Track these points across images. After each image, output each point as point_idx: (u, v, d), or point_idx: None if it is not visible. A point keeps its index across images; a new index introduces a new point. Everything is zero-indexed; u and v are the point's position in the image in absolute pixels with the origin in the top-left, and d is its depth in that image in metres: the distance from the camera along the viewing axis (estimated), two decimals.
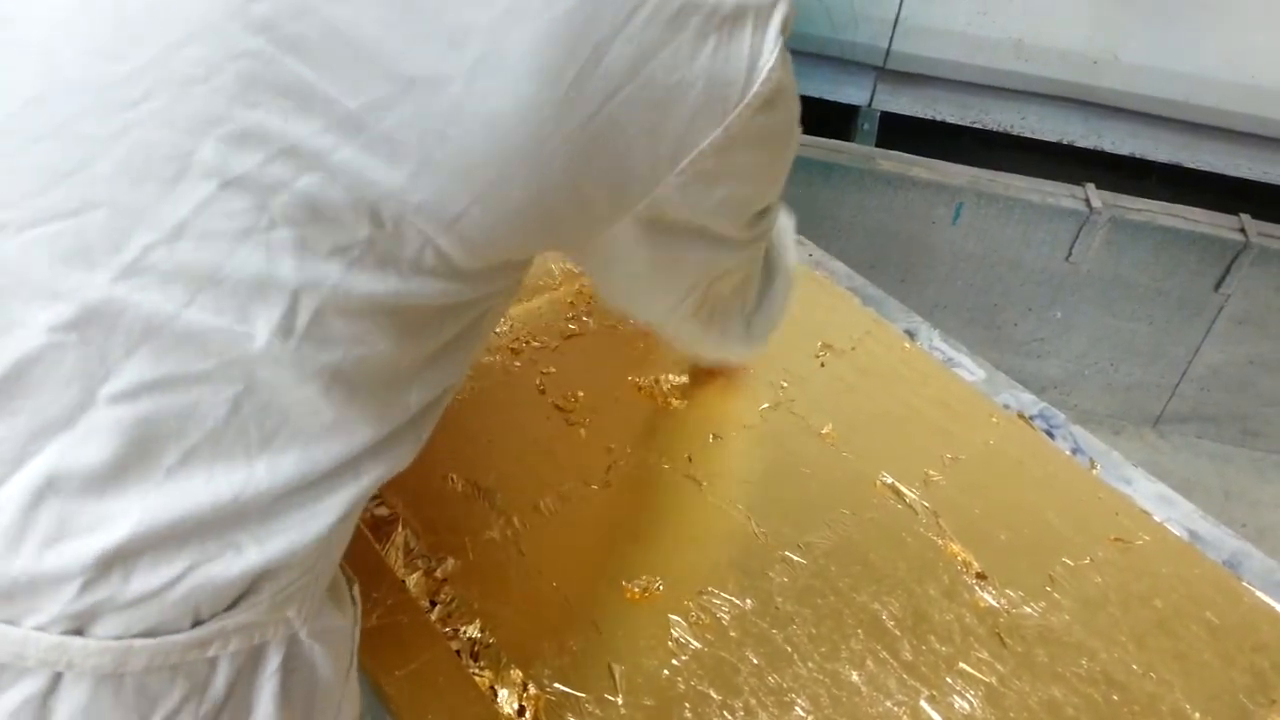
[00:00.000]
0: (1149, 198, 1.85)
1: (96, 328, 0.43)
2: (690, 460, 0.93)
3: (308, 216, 0.44)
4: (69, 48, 0.43)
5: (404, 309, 0.48)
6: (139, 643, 0.47)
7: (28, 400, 0.44)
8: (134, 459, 0.45)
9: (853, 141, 1.94)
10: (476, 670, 0.75)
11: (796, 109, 0.56)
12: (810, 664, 0.78)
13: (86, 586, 0.46)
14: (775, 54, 0.49)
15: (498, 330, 1.05)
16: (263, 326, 0.45)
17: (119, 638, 0.47)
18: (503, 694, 0.74)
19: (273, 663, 0.54)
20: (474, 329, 0.55)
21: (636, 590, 0.81)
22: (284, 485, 0.48)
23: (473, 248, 0.47)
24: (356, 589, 0.65)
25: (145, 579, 0.47)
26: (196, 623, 0.49)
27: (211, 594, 0.49)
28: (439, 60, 0.43)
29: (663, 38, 0.45)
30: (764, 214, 0.63)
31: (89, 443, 0.44)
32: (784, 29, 0.50)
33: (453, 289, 0.49)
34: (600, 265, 0.62)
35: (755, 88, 0.49)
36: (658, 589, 0.82)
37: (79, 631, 0.46)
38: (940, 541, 0.88)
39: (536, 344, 1.04)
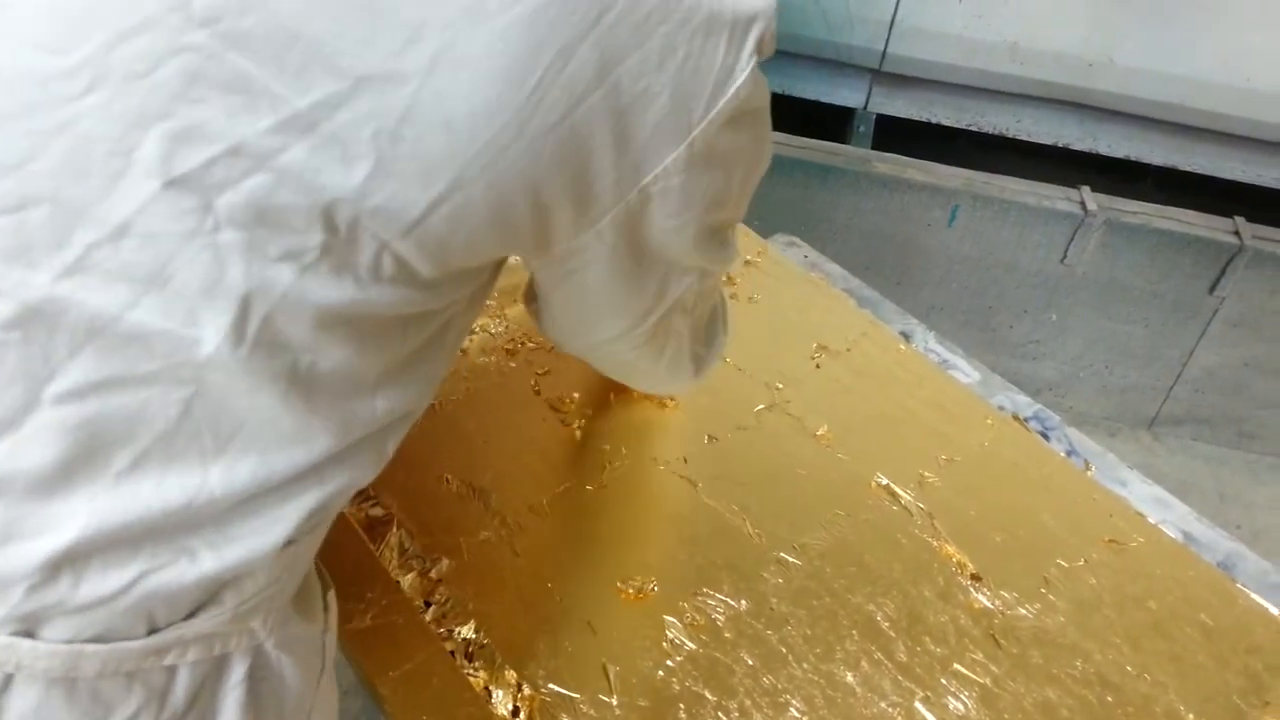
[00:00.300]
0: (1144, 200, 1.85)
1: (39, 326, 0.43)
2: (685, 461, 0.93)
3: (255, 219, 0.43)
4: (10, 40, 0.42)
5: (362, 317, 0.47)
6: (90, 648, 0.46)
7: None
8: (81, 461, 0.44)
9: (848, 144, 1.94)
10: (471, 671, 0.75)
11: (766, 130, 0.55)
12: (805, 665, 0.78)
13: (33, 590, 0.45)
14: (746, 72, 0.48)
15: (493, 331, 1.05)
16: (212, 331, 0.44)
17: (69, 642, 0.46)
18: (497, 694, 0.74)
19: (237, 673, 0.53)
20: (439, 339, 0.54)
21: (631, 591, 0.81)
22: (240, 492, 0.47)
23: (432, 254, 0.46)
24: (332, 595, 0.64)
25: (95, 584, 0.46)
26: (152, 630, 0.48)
27: (166, 601, 0.48)
28: (394, 58, 0.41)
29: (630, 43, 0.44)
30: (727, 233, 0.62)
31: (34, 443, 0.44)
32: (760, 47, 0.48)
33: (413, 297, 0.48)
34: (556, 278, 0.59)
35: (721, 104, 0.48)
36: (652, 590, 0.82)
37: (28, 634, 0.46)
38: (935, 543, 0.88)
39: (532, 345, 1.04)
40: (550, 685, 0.75)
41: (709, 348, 0.79)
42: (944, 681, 0.78)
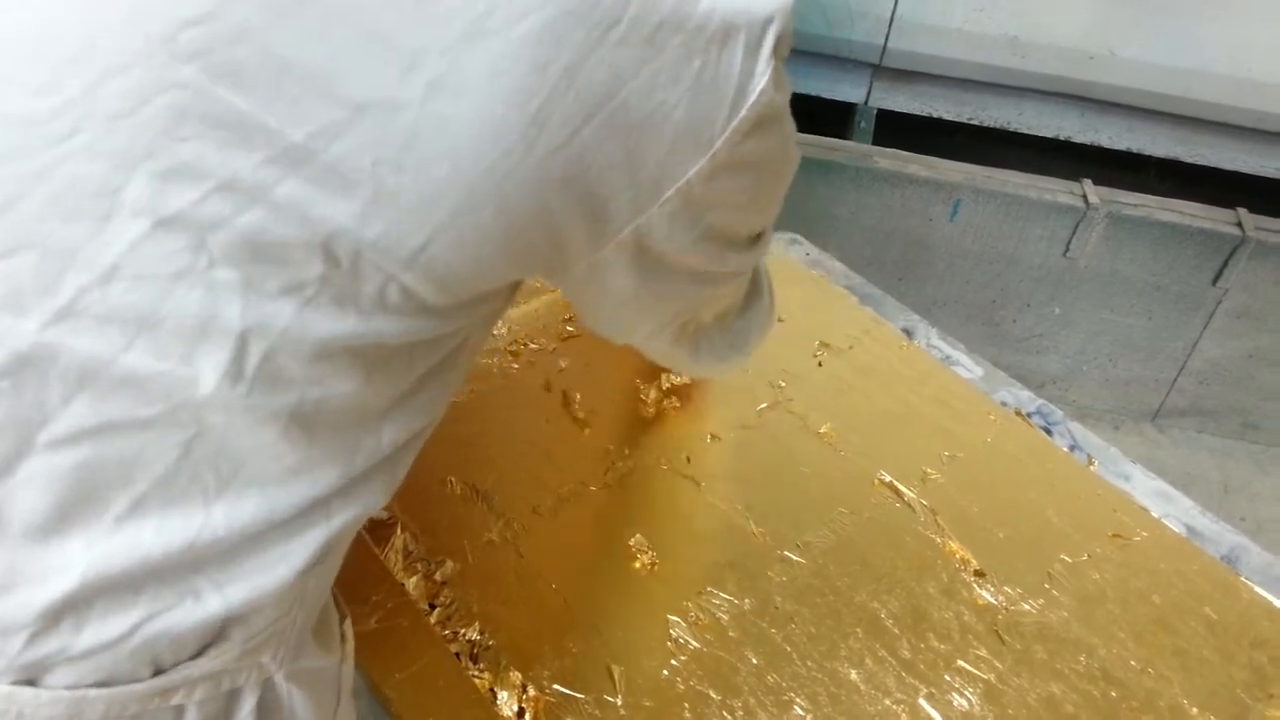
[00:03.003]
0: (1146, 192, 1.85)
1: (30, 374, 0.42)
2: (689, 461, 0.93)
3: (251, 255, 0.41)
4: None
5: (367, 348, 0.46)
6: (94, 693, 0.46)
7: None
8: (78, 506, 0.44)
9: (850, 139, 1.94)
10: (476, 672, 0.75)
11: (791, 131, 0.53)
12: (809, 663, 0.78)
13: (34, 638, 0.44)
14: (767, 76, 0.45)
15: (495, 332, 1.05)
16: (209, 370, 0.43)
17: (72, 688, 0.45)
18: (502, 696, 0.74)
19: (245, 707, 0.52)
20: (450, 362, 0.52)
21: (641, 566, 0.82)
22: (243, 530, 0.46)
23: (440, 281, 0.45)
24: (348, 624, 0.63)
25: (97, 630, 0.45)
26: (158, 671, 0.47)
27: (171, 643, 0.47)
28: (392, 85, 0.40)
29: (640, 58, 0.42)
30: (757, 239, 0.60)
31: (28, 489, 0.43)
32: (779, 49, 0.46)
33: (422, 325, 0.47)
34: (579, 292, 0.57)
35: (744, 112, 0.45)
36: (657, 588, 0.82)
37: (30, 682, 0.45)
38: (939, 539, 0.88)
39: (534, 346, 1.04)
40: (555, 686, 0.75)
41: (742, 329, 0.75)
42: (948, 678, 0.78)
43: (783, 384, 1.02)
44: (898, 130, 1.98)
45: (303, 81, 0.40)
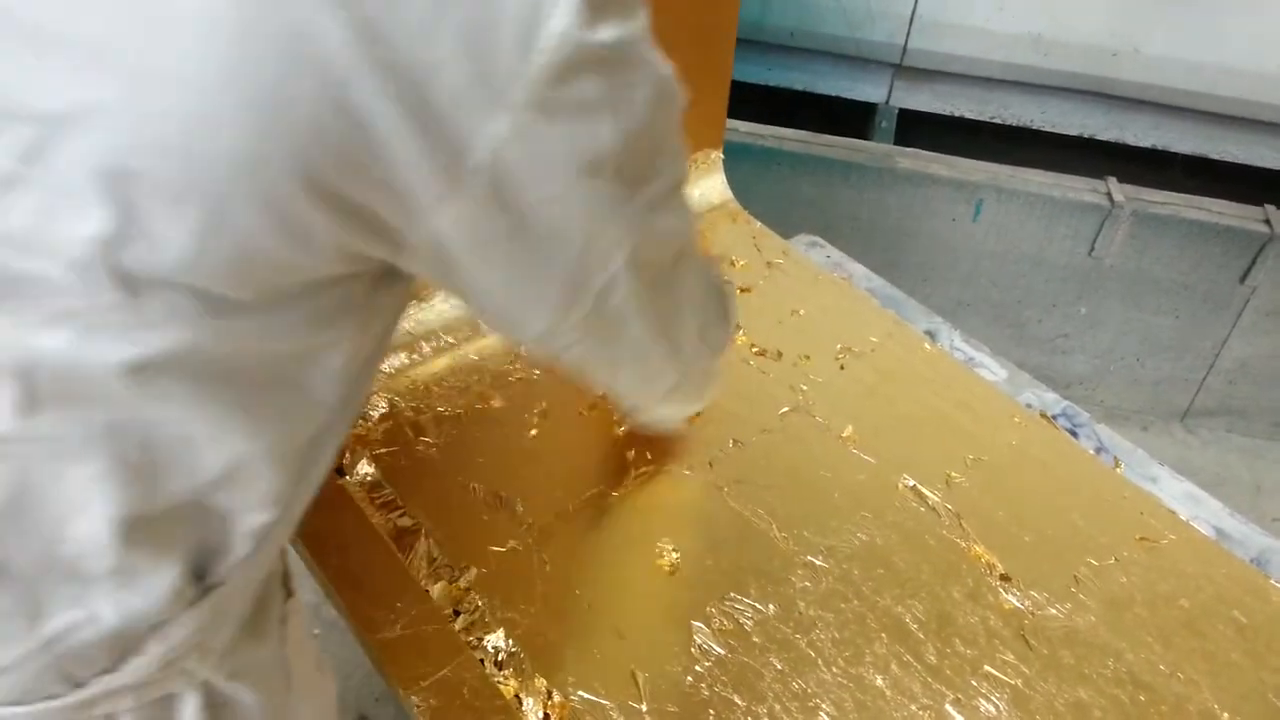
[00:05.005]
0: (1172, 190, 1.83)
1: None
2: (711, 466, 0.93)
3: (3, 290, 0.39)
4: None
5: (177, 364, 0.43)
6: (8, 710, 0.46)
7: None
8: None
9: (871, 140, 1.94)
10: (501, 679, 0.76)
11: (641, 71, 0.45)
12: (834, 669, 0.78)
13: None
14: (563, 10, 0.39)
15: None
16: (4, 406, 0.41)
17: None
18: (528, 702, 0.74)
19: (186, 711, 0.52)
20: (311, 366, 0.48)
21: (664, 572, 0.82)
22: (107, 548, 0.45)
23: (226, 281, 0.41)
24: (293, 603, 0.62)
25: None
26: (78, 685, 0.47)
27: (76, 659, 0.47)
28: (88, 88, 0.36)
29: (389, 2, 0.36)
30: (652, 200, 0.51)
31: None
32: None
33: (233, 331, 0.43)
34: (438, 274, 0.49)
35: (534, 55, 0.39)
36: (680, 593, 0.82)
37: None
38: (963, 544, 0.87)
39: None
40: (580, 692, 0.75)
41: (699, 339, 0.66)
42: (974, 683, 0.77)
43: (805, 388, 1.02)
44: (919, 130, 1.97)
45: None
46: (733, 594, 0.82)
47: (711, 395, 0.78)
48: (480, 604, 0.80)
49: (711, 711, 0.74)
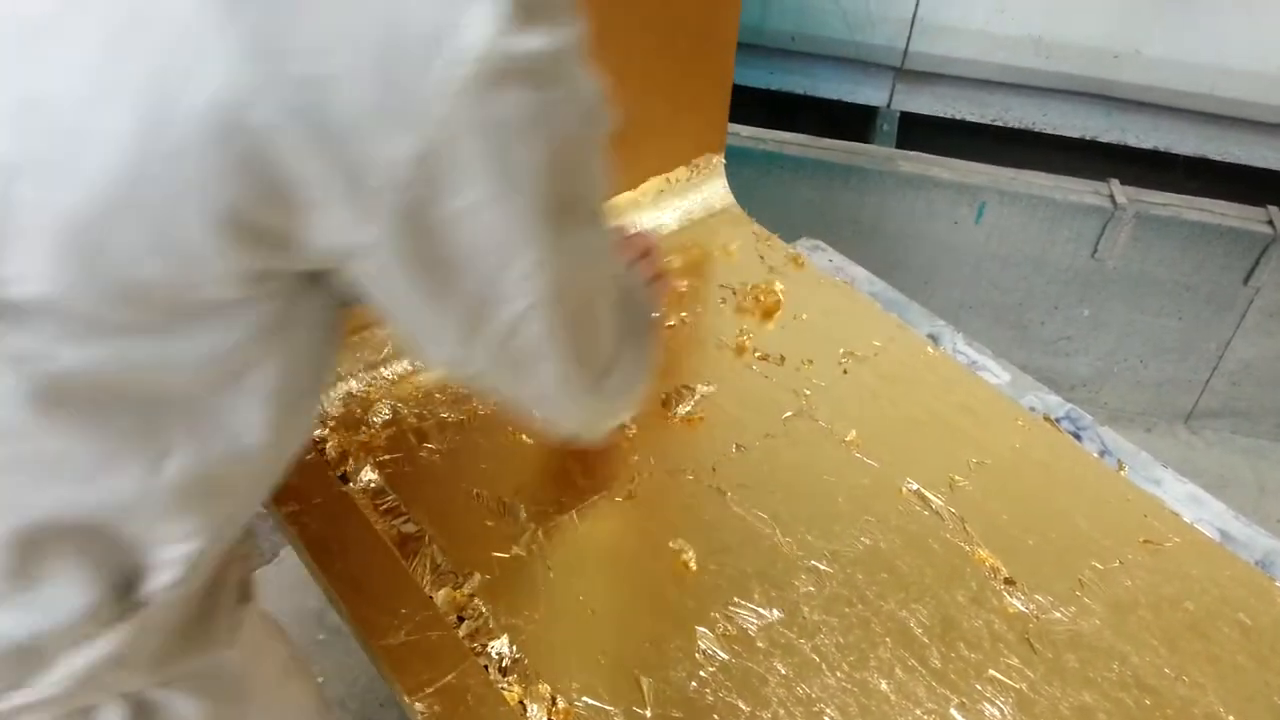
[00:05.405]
0: (1174, 191, 1.83)
1: None
2: (714, 470, 0.93)
3: None
4: None
5: (71, 390, 0.43)
6: None
7: None
8: None
9: (872, 143, 1.94)
10: (505, 685, 0.76)
11: (570, 86, 0.43)
12: (839, 673, 0.78)
13: None
14: (480, 21, 0.36)
15: None
16: None
17: None
18: (532, 709, 0.74)
19: None
20: (232, 384, 0.47)
21: (668, 577, 0.82)
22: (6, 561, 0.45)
23: (110, 306, 0.40)
24: (249, 608, 0.61)
25: None
26: None
27: None
28: None
29: (289, 13, 0.35)
30: (577, 221, 0.49)
31: None
32: None
33: (129, 351, 0.42)
34: (350, 291, 0.48)
35: (442, 70, 0.37)
36: (684, 599, 0.82)
37: None
38: (967, 547, 0.87)
39: None
40: (584, 698, 0.75)
41: (609, 375, 0.61)
42: (979, 687, 0.77)
43: (808, 392, 1.02)
44: (921, 133, 1.97)
45: None
46: (736, 599, 0.82)
47: (631, 414, 0.74)
48: (484, 610, 0.80)
49: (716, 717, 0.74)
